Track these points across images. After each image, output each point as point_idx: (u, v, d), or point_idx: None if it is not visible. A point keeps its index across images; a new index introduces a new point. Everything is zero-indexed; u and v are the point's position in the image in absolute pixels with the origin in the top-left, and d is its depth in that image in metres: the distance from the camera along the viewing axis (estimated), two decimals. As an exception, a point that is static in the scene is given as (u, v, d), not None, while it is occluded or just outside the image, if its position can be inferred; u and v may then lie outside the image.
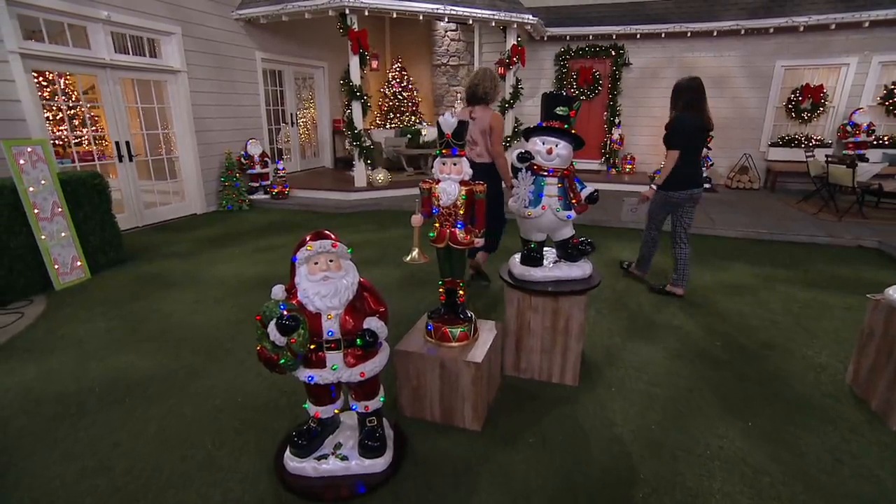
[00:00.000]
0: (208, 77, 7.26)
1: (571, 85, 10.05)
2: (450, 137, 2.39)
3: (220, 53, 7.45)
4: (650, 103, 9.66)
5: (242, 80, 7.98)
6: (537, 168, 2.77)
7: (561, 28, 9.57)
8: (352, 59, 7.64)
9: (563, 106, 2.72)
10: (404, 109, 11.50)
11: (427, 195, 2.53)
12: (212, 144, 7.44)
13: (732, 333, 3.65)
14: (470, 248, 2.51)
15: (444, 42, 11.51)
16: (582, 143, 2.83)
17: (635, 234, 6.29)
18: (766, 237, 6.14)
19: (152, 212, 6.75)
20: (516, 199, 2.78)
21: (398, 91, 11.47)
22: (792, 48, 8.76)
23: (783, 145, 9.19)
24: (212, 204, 7.58)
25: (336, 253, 2.08)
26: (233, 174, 7.55)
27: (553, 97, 2.76)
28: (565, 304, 2.87)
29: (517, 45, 8.75)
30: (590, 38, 9.62)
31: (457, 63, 11.56)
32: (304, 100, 10.17)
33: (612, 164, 9.96)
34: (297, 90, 9.84)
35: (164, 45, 6.63)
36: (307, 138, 10.41)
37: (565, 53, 9.89)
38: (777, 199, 8.30)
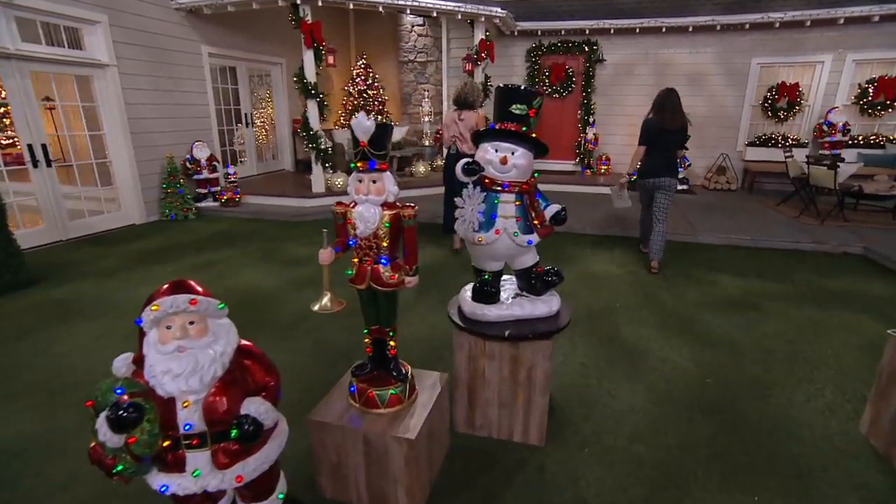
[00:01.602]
0: (144, 72, 6.49)
1: (544, 82, 9.59)
2: (366, 146, 1.77)
3: (158, 46, 6.68)
4: (625, 101, 9.24)
5: (187, 77, 7.22)
6: (489, 182, 2.18)
7: (532, 22, 9.09)
8: (305, 54, 6.99)
9: (521, 103, 2.13)
10: (370, 108, 10.80)
11: (342, 222, 1.91)
12: (151, 147, 6.67)
13: (724, 366, 3.12)
14: (399, 288, 1.90)
15: (410, 38, 10.86)
16: (545, 150, 2.26)
17: (612, 242, 5.81)
18: (749, 244, 5.71)
19: (81, 223, 5.98)
20: (462, 222, 2.17)
21: (363, 89, 10.77)
22: (768, 45, 8.47)
23: (760, 145, 8.88)
24: (153, 213, 6.82)
25: (197, 312, 1.45)
26: (176, 180, 6.80)
27: (508, 92, 2.17)
28: (527, 351, 2.28)
29: (486, 39, 8.21)
30: (562, 34, 9.17)
31: (424, 59, 10.92)
32: (261, 98, 9.44)
33: (586, 165, 9.53)
34: (252, 88, 9.10)
35: (88, 35, 5.84)
36: (265, 140, 9.68)
37: (537, 49, 9.43)
38: (756, 200, 7.96)
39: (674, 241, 5.82)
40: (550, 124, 9.73)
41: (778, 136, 8.75)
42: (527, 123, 2.16)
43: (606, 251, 5.48)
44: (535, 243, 2.28)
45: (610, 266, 4.99)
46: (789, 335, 3.55)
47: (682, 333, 3.56)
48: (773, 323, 3.74)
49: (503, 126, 2.15)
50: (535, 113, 2.17)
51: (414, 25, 10.76)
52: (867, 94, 8.20)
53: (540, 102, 2.18)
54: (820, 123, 8.34)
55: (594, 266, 4.99)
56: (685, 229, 6.04)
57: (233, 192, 7.24)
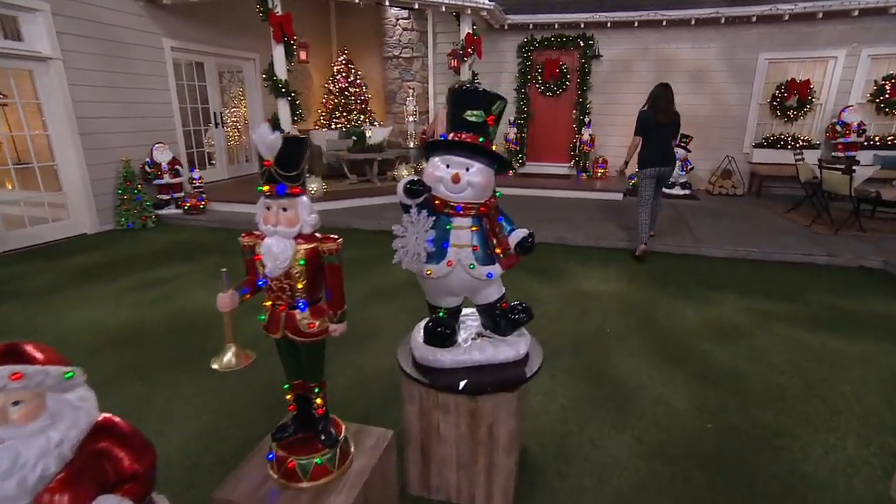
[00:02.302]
0: (95, 67, 6.18)
1: (536, 79, 9.38)
2: (271, 165, 1.47)
3: (111, 39, 6.37)
4: (623, 99, 9.00)
5: (146, 73, 6.91)
6: (439, 204, 1.88)
7: (523, 15, 8.89)
8: (275, 49, 6.72)
9: (477, 108, 1.84)
10: (352, 107, 10.54)
11: (250, 257, 1.61)
12: (105, 150, 6.36)
13: (728, 407, 2.82)
14: (324, 337, 1.60)
15: (395, 32, 10.64)
16: (507, 165, 1.98)
17: (607, 255, 5.54)
18: (756, 256, 5.45)
19: (20, 233, 5.66)
20: (404, 253, 1.87)
21: (344, 87, 10.50)
22: (776, 39, 8.27)
23: (768, 146, 8.65)
24: (107, 221, 6.50)
25: (22, 389, 1.13)
26: (133, 185, 6.48)
27: (462, 95, 1.89)
28: (487, 405, 1.98)
29: (472, 34, 7.97)
30: (555, 27, 8.97)
31: (410, 55, 10.69)
32: (232, 96, 9.15)
33: (582, 168, 9.30)
34: (223, 85, 8.82)
35: (28, 24, 5.52)
36: (237, 141, 9.37)
37: (529, 44, 9.22)
38: (764, 207, 7.73)
39: (673, 252, 5.59)
40: (543, 124, 9.57)
41: (787, 136, 8.55)
42: (484, 133, 1.87)
43: (600, 266, 5.20)
44: (497, 276, 1.97)
45: (602, 283, 4.70)
46: (802, 367, 3.26)
47: (679, 366, 3.26)
48: (784, 352, 3.45)
49: (456, 136, 1.85)
50: (494, 120, 1.88)
51: (399, 19, 10.55)
52: (884, 92, 7.99)
53: (501, 108, 1.89)
54: (833, 123, 8.16)
55: (585, 283, 4.70)
56: (686, 240, 5.78)
57: (196, 199, 6.93)
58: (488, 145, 1.87)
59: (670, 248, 5.61)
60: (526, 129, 9.62)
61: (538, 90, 9.45)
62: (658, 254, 5.58)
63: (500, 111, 1.89)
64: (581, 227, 6.32)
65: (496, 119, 1.87)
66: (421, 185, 1.85)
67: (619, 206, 7.57)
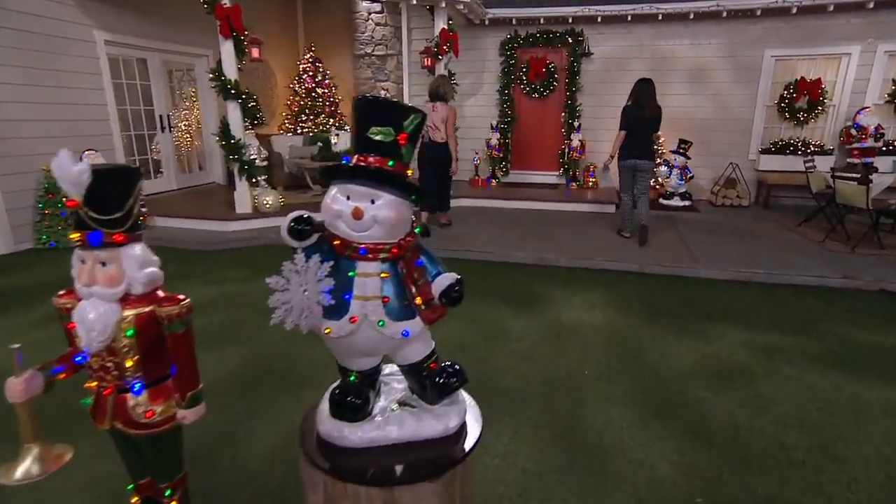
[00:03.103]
0: (12, 62, 5.86)
1: (520, 79, 9.25)
2: (77, 206, 1.18)
3: (31, 30, 6.05)
4: (616, 101, 8.65)
5: (74, 70, 6.61)
6: (339, 245, 1.60)
7: (505, 9, 8.79)
8: (223, 46, 6.51)
9: (385, 125, 1.56)
10: (319, 110, 10.29)
11: (67, 321, 1.30)
12: (23, 157, 6.02)
13: (723, 474, 2.54)
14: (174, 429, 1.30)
15: (367, 27, 10.40)
16: (423, 196, 1.71)
17: (593, 277, 5.29)
18: (762, 278, 5.23)
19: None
20: (287, 311, 1.57)
21: (311, 87, 10.25)
22: (783, 34, 8.21)
23: (776, 152, 8.53)
24: (25, 240, 6.15)
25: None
26: (57, 198, 6.14)
27: (365, 108, 1.61)
28: (406, 497, 1.66)
29: (448, 29, 7.81)
30: (541, 22, 8.90)
31: (384, 53, 10.45)
32: (183, 97, 8.88)
33: (571, 176, 9.16)
34: (172, 85, 8.56)
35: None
36: (190, 147, 9.07)
37: (512, 41, 9.14)
38: (772, 219, 7.59)
39: (668, 275, 5.35)
40: (529, 129, 9.49)
41: (797, 141, 8.45)
42: (395, 155, 1.60)
43: (584, 290, 4.95)
44: (415, 334, 1.68)
45: (585, 312, 4.44)
46: (813, 420, 2.97)
47: (668, 419, 2.97)
48: (792, 400, 3.17)
49: (360, 160, 1.58)
50: (407, 139, 1.59)
51: (371, 13, 10.32)
52: (903, 92, 7.90)
53: (415, 123, 1.61)
54: (847, 127, 8.06)
55: (565, 313, 4.43)
56: (683, 259, 5.57)
57: (133, 215, 6.57)
58: (401, 170, 1.60)
59: (665, 269, 5.39)
60: (510, 133, 9.50)
61: (523, 91, 9.35)
62: (651, 276, 5.35)
63: (414, 127, 1.62)
64: (566, 244, 6.13)
65: (410, 137, 1.61)
66: (309, 222, 1.56)
67: (611, 220, 7.37)
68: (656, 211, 7.92)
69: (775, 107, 8.53)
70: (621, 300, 4.72)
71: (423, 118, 1.65)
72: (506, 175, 9.56)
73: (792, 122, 8.51)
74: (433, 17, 7.88)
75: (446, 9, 7.72)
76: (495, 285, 5.05)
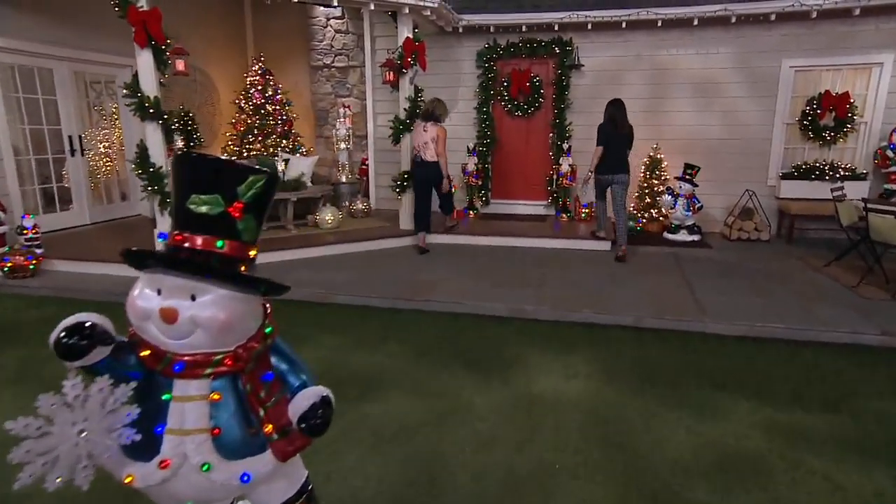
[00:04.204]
0: None
1: (501, 95, 9.21)
2: None
3: None
4: (612, 121, 8.71)
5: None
6: (150, 356, 1.40)
7: (482, 15, 8.76)
8: (139, 57, 6.27)
9: (209, 192, 1.40)
10: (270, 130, 10.05)
11: None
12: None
13: None
14: None
15: (326, 34, 10.41)
16: (280, 290, 1.53)
17: (573, 333, 4.95)
18: (783, 334, 4.92)
19: None
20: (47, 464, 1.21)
21: (261, 103, 10.04)
22: (803, 42, 8.20)
23: (800, 177, 8.39)
24: None
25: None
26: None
27: (187, 167, 1.47)
28: None
29: (413, 38, 7.67)
30: (523, 30, 8.86)
31: (345, 64, 10.47)
32: (102, 115, 8.65)
33: (561, 207, 9.05)
34: (86, 100, 8.34)
35: None
36: (110, 173, 8.81)
37: (491, 51, 9.11)
38: (796, 257, 7.36)
39: (669, 329, 5.05)
40: (513, 152, 9.44)
41: (824, 165, 8.34)
42: (228, 232, 1.43)
43: (566, 350, 4.62)
44: (261, 477, 1.32)
45: (565, 381, 4.09)
46: (845, 536, 2.55)
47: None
48: (818, 506, 2.75)
49: (176, 241, 1.41)
50: (244, 209, 1.42)
51: (330, 18, 10.32)
52: (944, 107, 7.89)
53: (259, 188, 1.44)
54: (882, 148, 7.99)
55: (540, 381, 4.08)
56: (687, 309, 5.30)
57: (25, 257, 6.19)
58: (236, 252, 1.43)
59: (665, 323, 5.09)
60: (490, 158, 9.41)
61: (504, 109, 9.32)
62: (648, 332, 5.02)
63: (255, 193, 1.44)
64: (549, 291, 5.87)
65: (249, 207, 1.44)
66: (87, 333, 1.26)
67: (605, 260, 7.14)
68: (659, 247, 7.80)
69: (796, 125, 8.45)
70: (609, 363, 4.38)
71: (268, 180, 1.47)
72: (486, 205, 9.44)
73: (817, 143, 8.42)
74: (396, 23, 7.71)
75: (410, 15, 7.55)
76: (459, 345, 4.75)
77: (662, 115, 8.65)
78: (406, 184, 7.95)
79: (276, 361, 1.58)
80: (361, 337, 4.85)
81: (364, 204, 9.01)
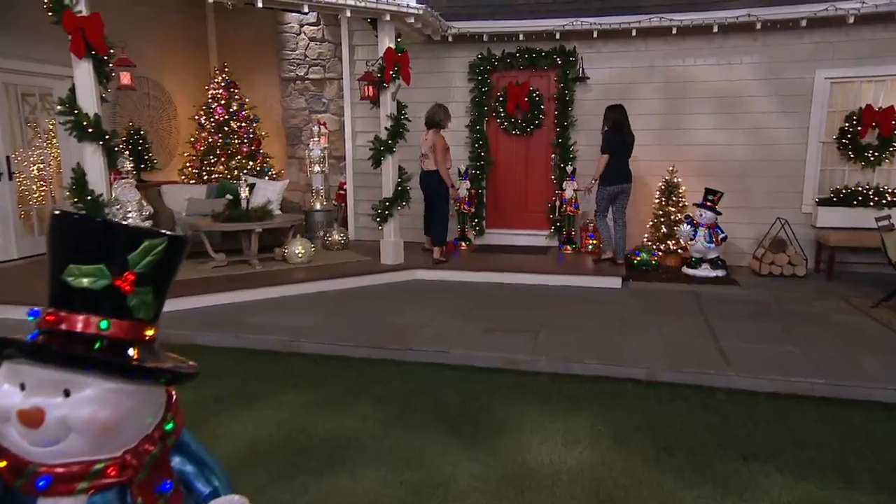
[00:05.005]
0: None
1: (497, 112, 9.36)
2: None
3: None
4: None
5: None
6: (6, 466, 1.31)
7: (474, 22, 8.95)
8: (77, 68, 6.31)
9: (91, 262, 1.34)
10: (234, 150, 10.09)
11: None
12: None
13: None
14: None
15: (299, 43, 10.64)
16: (188, 378, 1.48)
17: (577, 388, 4.85)
18: (822, 391, 4.80)
19: None
20: None
21: (224, 120, 10.12)
22: (839, 50, 8.34)
23: (839, 203, 8.42)
24: None
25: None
26: None
27: (64, 230, 1.40)
28: None
29: (396, 49, 7.76)
30: (521, 38, 9.01)
31: (321, 76, 10.66)
32: (37, 133, 8.69)
33: (565, 238, 9.08)
34: (18, 116, 8.38)
35: None
36: (43, 200, 8.84)
37: (485, 62, 9.29)
38: (838, 296, 7.30)
39: (687, 384, 4.95)
40: (510, 176, 9.60)
41: (867, 189, 8.42)
42: (119, 310, 1.36)
43: (567, 409, 4.50)
44: None
45: (565, 448, 3.96)
46: None
47: None
48: None
49: (48, 321, 1.33)
50: (135, 281, 1.35)
51: (303, 25, 10.51)
52: None
53: (155, 253, 1.37)
54: None
55: (535, 448, 3.95)
56: (710, 361, 5.23)
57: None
58: (128, 334, 1.36)
59: (684, 377, 5.00)
60: (484, 182, 9.52)
61: (500, 127, 9.45)
62: (664, 387, 4.91)
63: (151, 261, 1.38)
64: (549, 337, 5.82)
65: (145, 278, 1.37)
66: None
67: (615, 299, 7.12)
68: (677, 284, 7.80)
69: (834, 143, 8.54)
70: (618, 426, 4.24)
71: (169, 245, 1.39)
72: (480, 236, 9.51)
73: (858, 164, 8.48)
74: (376, 31, 7.83)
75: (392, 23, 7.63)
76: (442, 403, 4.64)
77: (680, 134, 8.76)
78: (388, 213, 7.98)
79: (178, 464, 1.47)
80: (330, 394, 4.74)
81: (341, 235, 9.04)
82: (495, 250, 9.09)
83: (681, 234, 8.31)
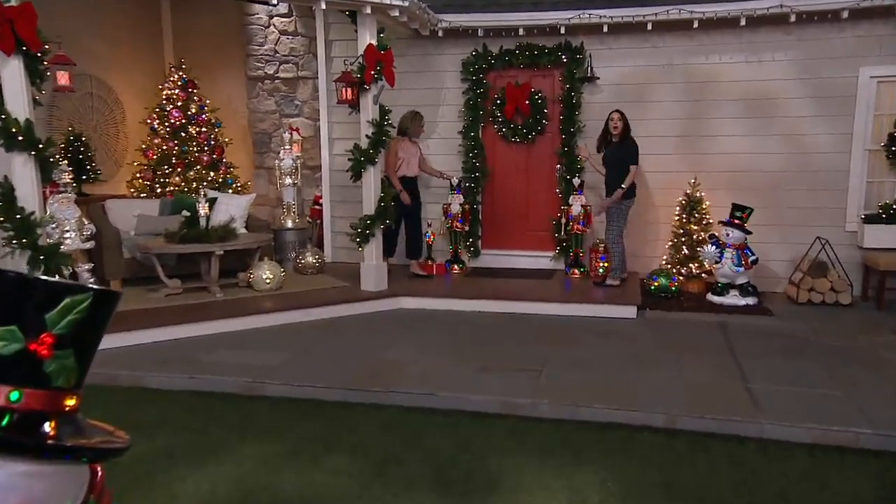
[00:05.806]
0: None
1: (494, 116, 9.42)
2: None
3: None
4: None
5: None
6: None
7: (468, 15, 9.05)
8: (4, 68, 6.28)
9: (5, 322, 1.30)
10: (192, 159, 10.09)
11: None
12: None
13: None
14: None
15: (268, 37, 10.64)
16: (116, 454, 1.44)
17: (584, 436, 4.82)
18: (869, 442, 4.76)
19: None
20: None
21: (182, 124, 10.11)
22: (886, 45, 8.39)
23: (889, 220, 8.44)
24: None
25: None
26: None
27: None
28: None
29: (378, 46, 7.82)
30: (521, 33, 9.06)
31: (293, 75, 10.68)
32: None
33: (572, 260, 9.13)
34: None
35: None
36: None
37: (480, 60, 9.37)
38: (888, 329, 7.30)
39: (712, 432, 4.94)
40: (509, 189, 9.68)
41: None
42: (34, 377, 1.33)
43: (573, 462, 4.50)
44: None
45: None
46: None
47: None
48: None
49: None
50: (54, 344, 1.31)
51: (273, 16, 10.66)
52: None
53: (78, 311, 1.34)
54: None
55: None
56: (738, 406, 5.23)
57: None
58: (44, 405, 1.32)
59: (707, 424, 4.98)
60: (480, 196, 9.57)
61: (498, 133, 9.52)
62: (684, 435, 4.90)
63: (74, 321, 1.33)
64: (552, 376, 5.86)
65: (65, 340, 1.32)
66: None
67: (628, 331, 7.15)
68: (701, 314, 7.81)
69: (882, 151, 8.58)
70: (632, 483, 4.25)
71: (94, 301, 1.33)
72: (475, 257, 9.56)
73: None
74: (356, 27, 7.89)
75: (374, 16, 7.71)
76: (428, 454, 4.64)
77: (702, 141, 8.85)
78: (370, 232, 8.03)
79: None
80: (298, 445, 4.73)
81: (315, 257, 9.07)
82: (492, 274, 9.14)
83: (705, 256, 8.30)
